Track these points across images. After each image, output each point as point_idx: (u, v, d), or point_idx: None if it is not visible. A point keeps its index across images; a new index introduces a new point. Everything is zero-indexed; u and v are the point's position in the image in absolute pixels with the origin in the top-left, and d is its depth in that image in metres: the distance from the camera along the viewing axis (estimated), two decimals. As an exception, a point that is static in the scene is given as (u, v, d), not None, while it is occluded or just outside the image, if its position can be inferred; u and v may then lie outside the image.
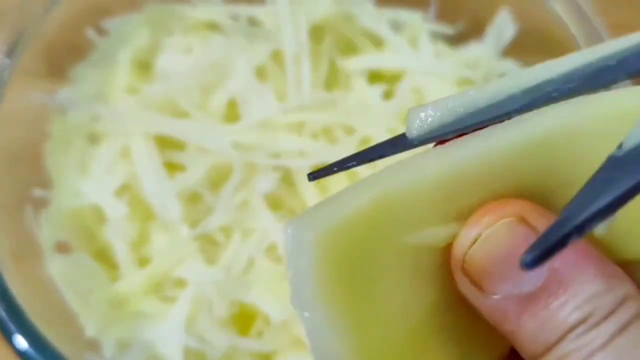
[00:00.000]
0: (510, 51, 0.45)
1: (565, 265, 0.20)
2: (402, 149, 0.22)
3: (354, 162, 0.23)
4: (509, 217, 0.21)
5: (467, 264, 0.21)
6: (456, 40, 0.46)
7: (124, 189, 0.40)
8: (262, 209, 0.40)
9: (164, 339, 0.38)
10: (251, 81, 0.41)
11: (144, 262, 0.40)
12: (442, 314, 0.22)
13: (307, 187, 0.41)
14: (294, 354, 0.39)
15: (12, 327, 0.34)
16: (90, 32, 0.44)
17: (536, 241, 0.18)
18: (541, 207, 0.21)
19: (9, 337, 0.34)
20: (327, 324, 0.20)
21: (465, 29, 0.47)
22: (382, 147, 0.23)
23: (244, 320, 0.40)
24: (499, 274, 0.21)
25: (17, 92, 0.39)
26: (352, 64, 0.44)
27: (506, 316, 0.21)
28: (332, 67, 0.45)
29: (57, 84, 0.42)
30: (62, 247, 0.40)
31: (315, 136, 0.42)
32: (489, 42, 0.45)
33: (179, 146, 0.41)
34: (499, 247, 0.21)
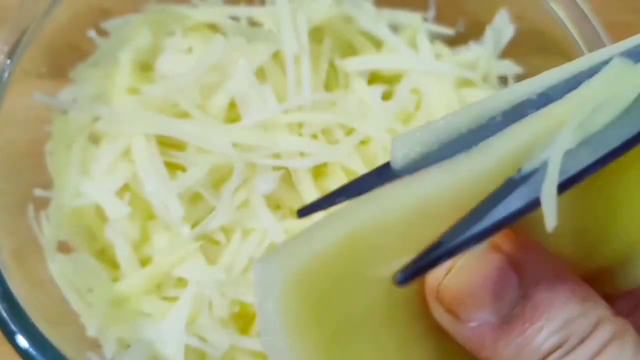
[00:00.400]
0: (509, 52, 0.45)
1: (539, 290, 0.20)
2: (388, 179, 0.21)
3: (342, 198, 0.22)
4: (483, 245, 0.21)
5: (442, 293, 0.21)
6: (455, 41, 0.47)
7: (125, 189, 0.40)
8: (262, 209, 0.41)
9: (164, 339, 0.38)
10: (251, 82, 0.41)
11: (144, 261, 0.40)
12: (419, 345, 0.22)
13: (307, 187, 0.41)
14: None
15: (13, 326, 0.34)
16: (91, 33, 0.44)
17: (410, 262, 0.19)
18: (512, 232, 0.21)
19: (10, 337, 0.34)
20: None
21: (464, 29, 0.47)
22: (368, 179, 0.22)
23: (244, 319, 0.40)
24: (474, 302, 0.20)
25: (18, 93, 0.39)
26: (352, 65, 0.44)
27: (483, 343, 0.21)
28: (332, 67, 0.45)
29: (58, 85, 0.43)
30: (64, 247, 0.40)
31: (315, 136, 0.42)
32: (488, 43, 0.45)
33: (179, 146, 0.41)
34: (472, 275, 0.20)
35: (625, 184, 0.22)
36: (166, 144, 0.41)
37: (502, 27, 0.45)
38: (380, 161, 0.23)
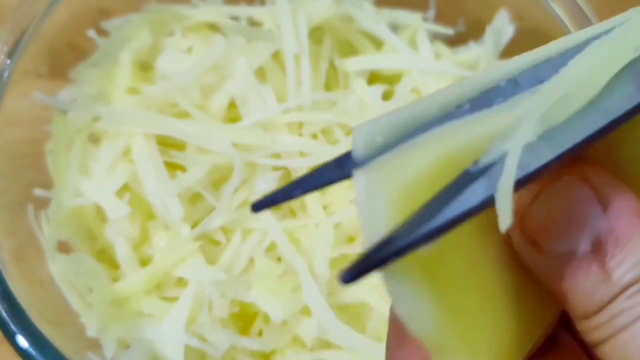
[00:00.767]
0: (509, 52, 0.45)
1: (621, 225, 0.20)
2: (348, 169, 0.20)
3: (299, 190, 0.21)
4: (571, 174, 0.21)
5: (526, 221, 0.21)
6: (455, 40, 0.47)
7: (125, 189, 0.40)
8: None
9: (164, 339, 0.38)
10: (251, 81, 0.41)
11: (144, 261, 0.40)
12: (501, 275, 0.22)
13: (307, 187, 0.41)
14: (294, 353, 0.39)
15: (13, 326, 0.34)
16: (91, 33, 0.44)
17: (358, 259, 0.18)
18: (602, 168, 0.21)
19: (10, 337, 0.34)
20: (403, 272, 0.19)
21: (464, 29, 0.47)
22: (327, 171, 0.21)
23: (244, 319, 0.40)
24: (557, 231, 0.21)
25: (18, 93, 0.39)
26: (352, 65, 0.44)
27: (560, 274, 0.21)
28: (332, 67, 0.45)
29: (58, 84, 0.42)
30: (64, 247, 0.40)
31: (315, 136, 0.42)
32: (488, 42, 0.45)
33: (179, 146, 0.41)
34: (558, 205, 0.21)
35: None
36: (166, 143, 0.41)
37: (502, 27, 0.45)
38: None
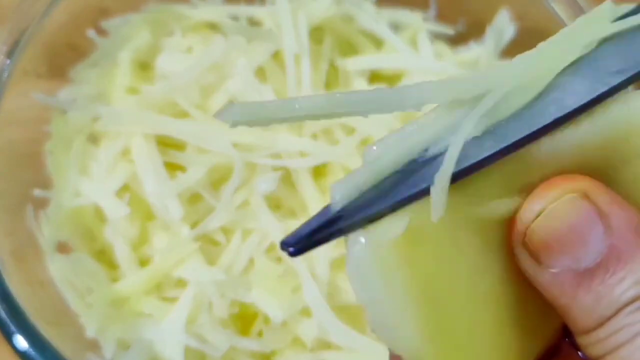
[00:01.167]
0: (509, 51, 0.45)
1: (623, 242, 0.21)
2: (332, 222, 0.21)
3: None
4: (572, 192, 0.21)
5: (529, 237, 0.21)
6: (456, 40, 0.46)
7: (125, 189, 0.40)
8: (262, 209, 0.40)
9: (164, 339, 0.38)
10: (251, 81, 0.41)
11: (144, 262, 0.40)
12: (506, 289, 0.23)
13: (307, 187, 0.41)
14: (294, 354, 0.39)
15: (12, 327, 0.34)
16: (90, 32, 0.44)
17: (299, 232, 0.20)
18: (604, 185, 0.22)
19: (9, 337, 0.34)
20: (390, 299, 0.20)
21: (465, 29, 0.47)
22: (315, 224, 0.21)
23: (244, 320, 0.40)
24: (560, 248, 0.21)
25: (17, 92, 0.39)
26: (352, 64, 0.44)
27: (563, 290, 0.21)
28: (332, 67, 0.45)
29: (58, 84, 0.42)
30: (63, 247, 0.40)
31: (315, 136, 0.42)
32: (488, 42, 0.45)
33: (179, 146, 0.41)
34: (561, 222, 0.21)
35: None
36: (166, 144, 0.41)
37: (502, 27, 0.45)
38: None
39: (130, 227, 0.40)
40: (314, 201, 0.41)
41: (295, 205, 0.42)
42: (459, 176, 0.20)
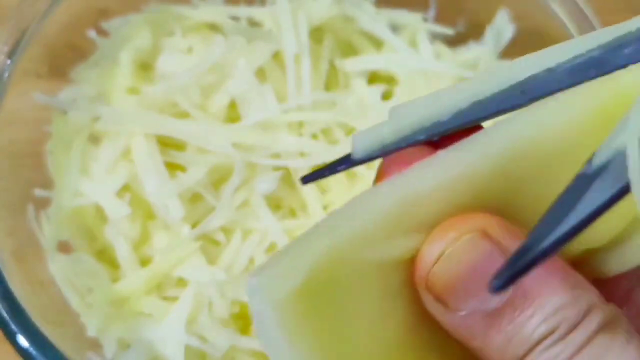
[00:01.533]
0: (509, 52, 0.45)
1: (529, 278, 0.20)
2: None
3: (343, 166, 0.23)
4: (472, 232, 0.20)
5: (432, 282, 0.20)
6: (455, 41, 0.46)
7: (125, 189, 0.40)
8: (262, 209, 0.41)
9: (164, 339, 0.38)
10: (251, 82, 0.41)
11: (144, 261, 0.40)
12: (413, 331, 0.22)
13: (307, 187, 0.41)
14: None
15: (13, 326, 0.34)
16: (91, 33, 0.44)
17: (504, 266, 0.19)
18: (504, 221, 0.21)
19: (10, 337, 0.34)
20: (294, 355, 0.20)
21: (464, 29, 0.47)
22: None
23: (244, 319, 0.40)
24: (464, 291, 0.20)
25: (18, 93, 0.39)
26: (352, 65, 0.44)
27: (473, 332, 0.21)
28: (332, 67, 0.45)
29: (58, 85, 0.42)
30: (64, 247, 0.40)
31: (315, 136, 0.42)
32: (488, 42, 0.45)
33: (179, 146, 0.41)
34: (463, 263, 0.20)
35: None
36: (166, 144, 0.41)
37: (502, 27, 0.45)
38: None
39: (130, 227, 0.40)
40: (314, 201, 0.41)
41: (295, 205, 0.42)
42: None
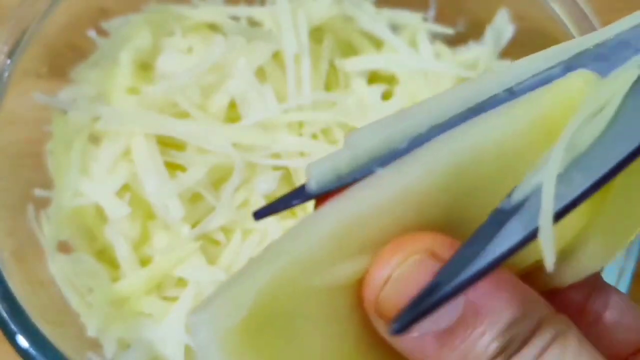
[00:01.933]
0: (509, 52, 0.45)
1: (479, 295, 0.20)
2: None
3: (297, 200, 0.22)
4: (419, 253, 0.20)
5: (381, 306, 0.20)
6: (455, 40, 0.47)
7: (125, 189, 0.40)
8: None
9: (164, 339, 0.38)
10: (251, 82, 0.41)
11: (144, 261, 0.41)
12: (367, 354, 0.22)
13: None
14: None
15: (13, 326, 0.34)
16: (91, 33, 0.44)
17: (405, 308, 0.19)
18: (451, 239, 0.20)
19: (10, 337, 0.34)
20: None
21: (464, 29, 0.47)
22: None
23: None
24: None
25: (18, 93, 0.39)
26: (352, 65, 0.44)
27: (426, 353, 0.20)
28: (332, 67, 0.45)
29: (58, 85, 0.43)
30: (64, 247, 0.40)
31: (315, 136, 0.42)
32: (488, 42, 0.45)
33: (179, 146, 0.41)
34: (411, 286, 0.20)
35: None
36: (166, 144, 0.41)
37: (502, 27, 0.45)
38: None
39: (130, 226, 0.40)
40: (314, 201, 0.41)
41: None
42: (558, 216, 0.19)
